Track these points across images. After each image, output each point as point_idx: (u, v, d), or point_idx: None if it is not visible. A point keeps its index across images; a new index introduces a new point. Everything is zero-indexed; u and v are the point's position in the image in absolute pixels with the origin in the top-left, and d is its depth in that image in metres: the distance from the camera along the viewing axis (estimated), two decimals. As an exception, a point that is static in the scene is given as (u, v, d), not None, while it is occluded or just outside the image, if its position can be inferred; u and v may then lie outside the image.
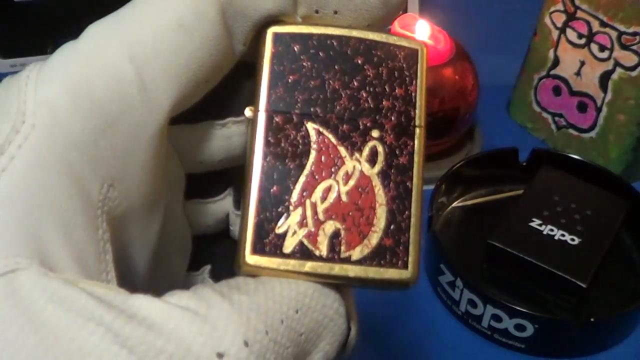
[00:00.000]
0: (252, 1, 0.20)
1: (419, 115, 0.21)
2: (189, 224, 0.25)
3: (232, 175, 0.24)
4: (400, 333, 0.46)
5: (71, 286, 0.17)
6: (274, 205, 0.19)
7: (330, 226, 0.20)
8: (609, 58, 0.54)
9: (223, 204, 0.25)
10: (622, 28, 0.52)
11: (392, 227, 0.20)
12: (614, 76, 0.54)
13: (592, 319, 0.42)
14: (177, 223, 0.24)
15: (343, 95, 0.21)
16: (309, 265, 0.19)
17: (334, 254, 0.19)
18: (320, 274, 0.19)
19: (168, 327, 0.17)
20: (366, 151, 0.20)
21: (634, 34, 0.52)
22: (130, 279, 0.21)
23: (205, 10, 0.19)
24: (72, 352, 0.16)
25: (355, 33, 0.21)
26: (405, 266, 0.20)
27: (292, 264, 0.19)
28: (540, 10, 0.59)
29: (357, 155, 0.20)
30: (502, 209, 0.52)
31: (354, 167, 0.20)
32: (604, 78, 0.55)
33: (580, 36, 0.56)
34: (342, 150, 0.20)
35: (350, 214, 0.20)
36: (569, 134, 0.59)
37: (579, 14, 0.55)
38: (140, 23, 0.19)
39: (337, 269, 0.19)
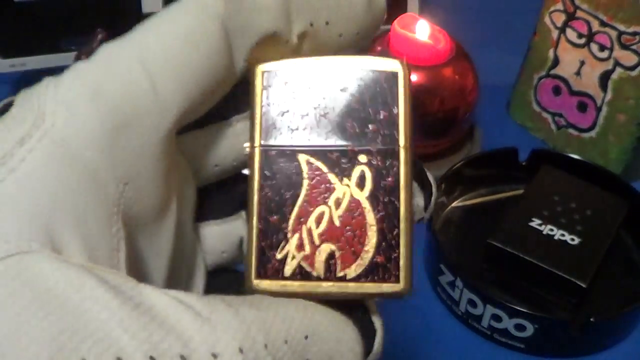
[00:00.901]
0: (251, 19, 0.21)
1: (404, 136, 0.22)
2: (205, 251, 0.25)
3: (243, 196, 0.24)
4: (400, 333, 0.46)
5: (82, 269, 0.17)
6: (274, 233, 0.21)
7: (325, 248, 0.21)
8: (608, 58, 0.54)
9: (236, 226, 0.26)
10: (622, 28, 0.52)
11: (382, 244, 0.21)
12: (614, 76, 0.54)
13: (592, 319, 0.42)
14: (188, 240, 0.24)
15: (330, 126, 0.22)
16: (308, 286, 0.21)
17: (330, 274, 0.21)
18: (319, 292, 0.21)
19: (170, 320, 0.17)
20: (355, 176, 0.22)
21: (634, 33, 0.52)
22: None
23: (209, 25, 0.20)
24: (77, 329, 0.16)
25: (339, 62, 0.22)
26: (397, 280, 0.21)
27: (293, 285, 0.21)
28: (540, 10, 0.59)
29: (346, 180, 0.22)
30: (502, 209, 0.51)
31: (344, 192, 0.21)
32: (604, 78, 0.55)
33: (580, 36, 0.56)
34: (332, 177, 0.22)
35: (343, 236, 0.21)
36: (569, 134, 0.59)
37: (579, 13, 0.55)
38: (151, 35, 0.20)
39: (335, 287, 0.21)
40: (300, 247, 0.21)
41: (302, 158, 0.22)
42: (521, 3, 0.71)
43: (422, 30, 0.54)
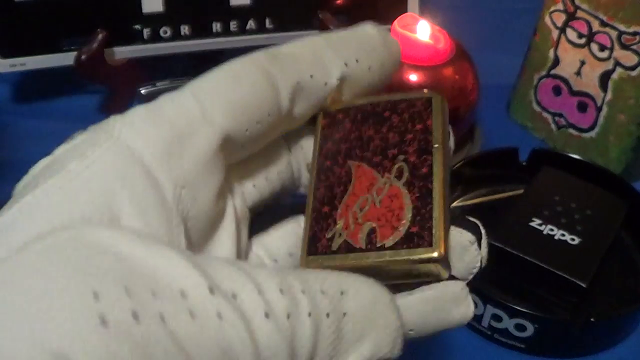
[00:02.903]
0: (287, 65, 0.26)
1: (437, 138, 0.25)
2: (275, 259, 0.29)
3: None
4: (400, 333, 0.46)
5: (143, 236, 0.20)
6: (324, 219, 0.25)
7: (367, 226, 0.24)
8: (609, 58, 0.54)
9: (293, 227, 0.29)
10: (622, 28, 0.52)
11: (417, 218, 0.24)
12: (614, 76, 0.54)
13: (592, 319, 0.42)
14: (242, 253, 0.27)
15: (375, 139, 0.26)
16: (351, 256, 0.24)
17: (370, 245, 0.23)
18: (362, 261, 0.23)
19: (224, 269, 0.20)
20: (394, 170, 0.25)
21: (634, 33, 0.52)
22: None
23: (251, 68, 0.25)
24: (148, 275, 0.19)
25: (383, 98, 0.28)
26: (431, 245, 0.23)
27: (338, 257, 0.24)
28: (541, 10, 0.59)
29: (387, 174, 0.25)
30: (502, 209, 0.51)
31: (385, 182, 0.25)
32: (604, 78, 0.55)
33: (580, 36, 0.56)
34: (375, 174, 0.25)
35: (384, 214, 0.24)
36: (569, 134, 0.59)
37: (579, 13, 0.55)
38: (202, 78, 0.25)
39: (375, 255, 0.23)
40: (346, 227, 0.24)
41: (352, 163, 0.26)
42: (521, 3, 0.71)
43: (422, 30, 0.54)
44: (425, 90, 0.27)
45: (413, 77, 0.53)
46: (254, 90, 0.24)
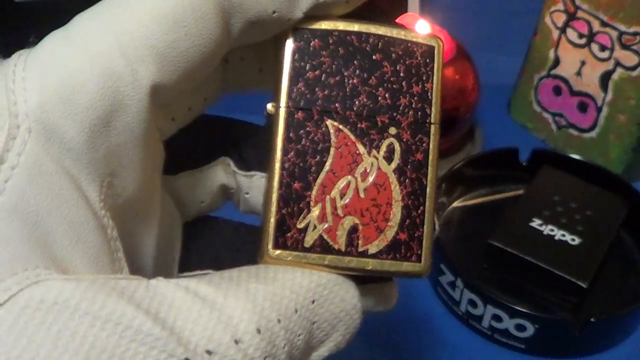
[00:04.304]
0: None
1: (435, 112, 0.22)
2: (183, 203, 0.25)
3: (219, 141, 0.24)
4: (400, 333, 0.46)
5: (94, 286, 0.17)
6: (296, 201, 0.20)
7: (349, 221, 0.21)
8: (609, 58, 0.54)
9: (214, 173, 0.25)
10: (622, 28, 0.52)
11: (407, 222, 0.21)
12: (615, 76, 0.54)
13: (592, 319, 0.42)
14: (166, 203, 0.24)
15: (362, 93, 0.21)
16: (328, 259, 0.20)
17: (352, 248, 0.20)
18: (339, 266, 0.20)
19: (191, 316, 0.18)
20: (383, 148, 0.21)
21: (635, 33, 0.52)
22: (139, 273, 0.22)
23: (199, 5, 0.19)
24: (109, 342, 0.16)
25: (373, 29, 0.22)
26: (419, 259, 0.21)
27: (312, 257, 0.20)
28: (541, 10, 0.59)
29: (374, 152, 0.21)
30: (502, 209, 0.51)
31: (372, 163, 0.21)
32: (605, 78, 0.55)
33: (580, 36, 0.56)
34: (361, 147, 0.21)
35: (368, 209, 0.21)
36: (569, 134, 0.59)
37: (580, 13, 0.55)
38: (128, 14, 0.19)
39: (355, 262, 0.21)
40: (322, 217, 0.21)
41: (331, 124, 0.21)
42: (521, 3, 0.71)
43: (422, 30, 0.54)
44: (425, 32, 0.22)
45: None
46: (198, 35, 0.19)
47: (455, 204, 0.54)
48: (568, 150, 0.58)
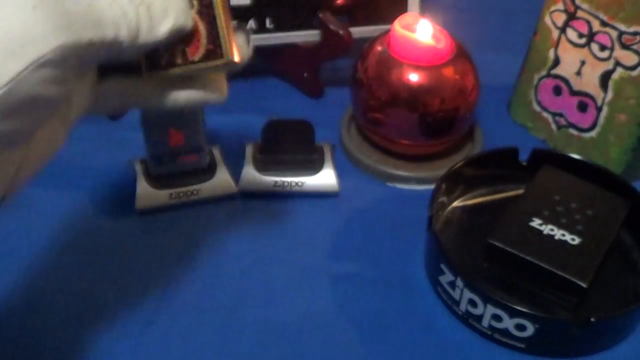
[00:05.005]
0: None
1: None
2: None
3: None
4: (400, 333, 0.46)
5: None
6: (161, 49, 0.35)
7: (183, 46, 0.35)
8: (609, 58, 0.54)
9: None
10: (622, 27, 0.52)
11: (210, 36, 0.35)
12: (615, 76, 0.54)
13: (592, 319, 0.42)
14: None
15: None
16: (172, 70, 0.35)
17: (185, 60, 0.35)
18: (180, 72, 0.35)
19: None
20: (192, 3, 0.35)
21: (635, 33, 0.52)
22: None
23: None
24: None
25: None
26: (222, 55, 0.35)
27: (165, 71, 0.35)
28: (541, 10, 0.59)
29: (192, 7, 0.35)
30: (502, 208, 0.51)
31: (193, 17, 0.35)
32: (605, 78, 0.55)
33: (580, 36, 0.56)
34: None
35: (192, 39, 0.35)
36: (570, 134, 0.59)
37: (580, 13, 0.55)
38: None
39: (191, 67, 0.35)
40: (172, 53, 0.35)
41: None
42: (521, 3, 0.71)
43: (422, 30, 0.54)
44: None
45: (413, 77, 0.53)
46: None
47: (455, 203, 0.54)
48: (568, 150, 0.58)
